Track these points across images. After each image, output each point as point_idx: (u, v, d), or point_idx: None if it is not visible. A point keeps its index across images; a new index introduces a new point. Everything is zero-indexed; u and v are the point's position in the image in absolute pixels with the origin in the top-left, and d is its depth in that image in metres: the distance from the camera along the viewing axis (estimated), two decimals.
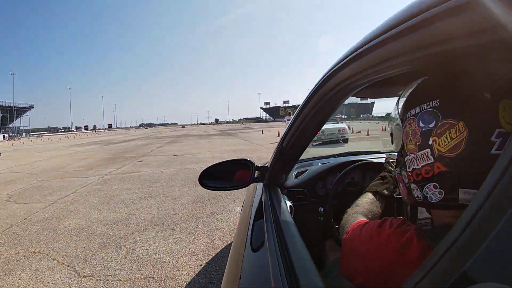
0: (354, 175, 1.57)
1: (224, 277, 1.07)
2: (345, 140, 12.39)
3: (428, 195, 0.57)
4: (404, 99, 0.67)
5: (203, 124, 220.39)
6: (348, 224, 0.85)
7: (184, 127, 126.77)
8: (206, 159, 9.88)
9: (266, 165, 1.41)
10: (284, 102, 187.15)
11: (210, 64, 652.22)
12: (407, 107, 0.63)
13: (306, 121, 1.01)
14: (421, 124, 0.58)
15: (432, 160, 0.55)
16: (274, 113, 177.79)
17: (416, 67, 0.56)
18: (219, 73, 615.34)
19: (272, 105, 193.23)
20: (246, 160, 1.35)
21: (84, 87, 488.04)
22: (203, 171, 1.34)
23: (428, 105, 0.57)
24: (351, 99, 0.94)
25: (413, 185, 0.61)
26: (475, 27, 0.34)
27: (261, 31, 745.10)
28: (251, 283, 0.84)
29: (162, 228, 3.78)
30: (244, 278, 0.86)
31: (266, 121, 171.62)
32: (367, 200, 1.04)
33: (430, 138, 0.55)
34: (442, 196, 0.55)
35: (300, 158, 1.35)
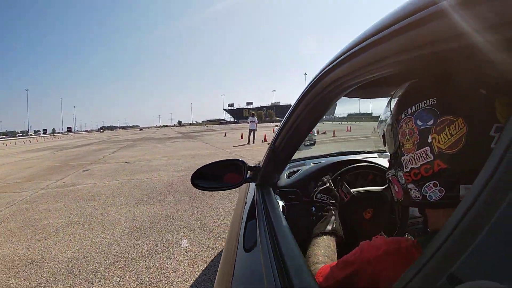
0: (346, 176, 1.49)
1: (216, 277, 1.05)
2: (312, 143, 11.45)
3: (428, 194, 0.56)
4: (396, 99, 0.66)
5: (166, 126, 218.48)
6: None
7: (141, 129, 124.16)
8: (160, 167, 8.88)
9: (259, 165, 1.41)
10: (248, 103, 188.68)
11: (173, 66, 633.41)
12: (401, 106, 0.62)
13: (299, 121, 1.02)
14: (419, 123, 0.57)
15: (432, 158, 0.54)
16: (238, 114, 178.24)
17: (408, 68, 0.55)
18: (182, 75, 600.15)
19: (235, 106, 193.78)
20: (238, 160, 1.34)
21: (42, 89, 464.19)
22: (195, 171, 1.30)
23: (425, 103, 0.56)
24: None
25: (410, 185, 0.60)
26: (444, 34, 0.37)
27: (224, 33, 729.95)
28: (244, 283, 0.83)
29: (76, 278, 2.72)
30: (237, 278, 0.86)
31: (230, 122, 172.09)
32: (317, 246, 0.94)
33: (429, 136, 0.55)
34: (443, 194, 0.54)
35: (292, 158, 1.35)
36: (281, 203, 1.27)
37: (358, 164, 1.50)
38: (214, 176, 1.37)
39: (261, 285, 0.69)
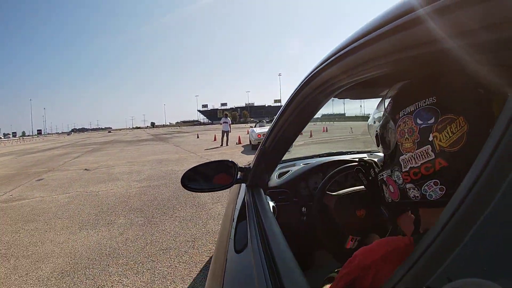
0: (336, 177, 1.40)
1: (208, 278, 1.03)
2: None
3: (428, 193, 0.54)
4: (389, 100, 0.64)
5: (139, 128, 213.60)
6: None
7: (110, 132, 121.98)
8: (120, 175, 8.04)
9: (249, 166, 1.39)
10: (222, 104, 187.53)
11: (146, 67, 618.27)
12: (398, 106, 0.60)
13: (289, 122, 1.01)
14: (419, 121, 0.54)
15: (433, 157, 0.52)
16: (212, 115, 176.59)
17: (400, 69, 0.54)
18: (155, 75, 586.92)
19: (210, 107, 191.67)
20: (229, 161, 1.31)
21: (11, 90, 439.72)
22: (185, 173, 1.27)
23: (424, 102, 0.54)
24: None
25: (409, 185, 0.57)
26: (432, 37, 0.36)
27: (198, 34, 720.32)
28: (235, 284, 0.81)
29: None
30: (228, 279, 0.84)
31: (204, 123, 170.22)
32: None
33: (431, 135, 0.52)
34: (443, 192, 0.52)
35: (283, 158, 1.35)
36: (271, 203, 1.26)
37: (348, 165, 1.44)
38: (204, 177, 1.33)
39: (252, 285, 0.68)
